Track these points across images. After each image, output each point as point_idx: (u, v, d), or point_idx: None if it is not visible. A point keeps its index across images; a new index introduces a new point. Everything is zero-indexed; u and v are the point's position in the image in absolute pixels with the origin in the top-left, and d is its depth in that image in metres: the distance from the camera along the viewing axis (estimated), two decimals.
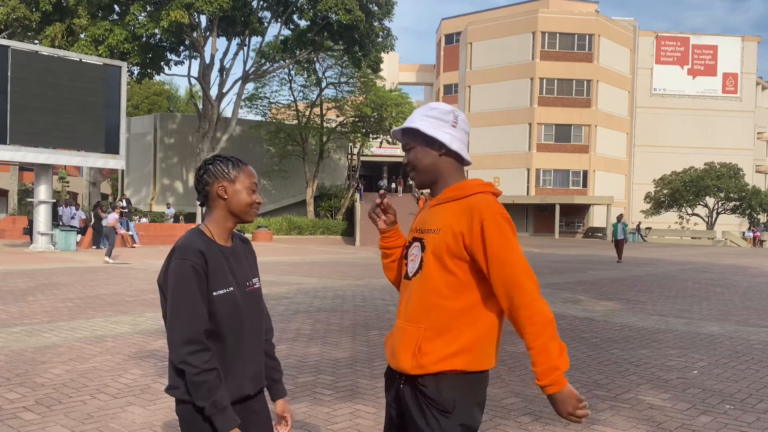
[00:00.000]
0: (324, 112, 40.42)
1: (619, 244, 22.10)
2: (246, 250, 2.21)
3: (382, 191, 2.17)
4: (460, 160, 2.08)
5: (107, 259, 17.20)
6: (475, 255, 1.94)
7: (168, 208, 33.69)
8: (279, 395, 2.29)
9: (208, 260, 1.99)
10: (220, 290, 2.00)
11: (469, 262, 1.97)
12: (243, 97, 36.59)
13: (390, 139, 40.84)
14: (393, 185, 49.77)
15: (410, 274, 2.07)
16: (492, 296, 1.97)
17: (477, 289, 1.97)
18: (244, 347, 2.06)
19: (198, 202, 2.19)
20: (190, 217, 34.65)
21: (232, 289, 2.03)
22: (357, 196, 39.46)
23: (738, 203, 50.50)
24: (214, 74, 32.92)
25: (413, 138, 2.08)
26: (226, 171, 2.08)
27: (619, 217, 22.72)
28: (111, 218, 18.58)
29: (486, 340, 2.00)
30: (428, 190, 2.16)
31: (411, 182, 48.85)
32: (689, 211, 51.17)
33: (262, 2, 32.68)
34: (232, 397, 2.02)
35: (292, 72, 38.97)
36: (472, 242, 1.93)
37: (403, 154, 2.17)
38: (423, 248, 2.04)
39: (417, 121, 2.07)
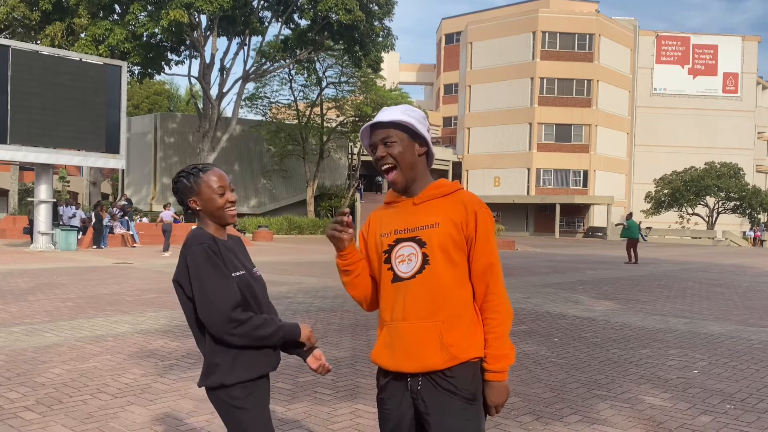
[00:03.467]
0: (324, 111, 40.43)
1: (635, 244, 21.44)
2: (241, 245, 2.37)
3: (346, 210, 2.16)
4: (430, 162, 2.17)
5: (165, 254, 19.73)
6: (468, 242, 2.05)
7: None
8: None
9: (219, 246, 2.16)
10: (235, 272, 2.15)
11: (466, 251, 2.06)
12: (243, 96, 36.60)
13: None
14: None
15: (405, 275, 2.04)
16: None
17: None
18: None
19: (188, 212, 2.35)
20: (191, 217, 34.63)
21: (244, 272, 2.19)
22: (357, 195, 39.45)
23: (738, 203, 50.48)
24: (215, 74, 32.96)
25: (397, 131, 2.07)
26: (190, 186, 2.22)
27: (630, 215, 22.71)
28: (166, 216, 21.17)
29: (480, 325, 2.09)
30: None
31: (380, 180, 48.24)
32: (689, 210, 51.15)
33: (262, 2, 32.69)
34: (262, 371, 2.18)
35: (293, 71, 38.99)
36: (469, 231, 2.04)
37: None
38: (422, 245, 2.03)
39: (403, 116, 2.06)
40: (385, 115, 2.08)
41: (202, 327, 2.15)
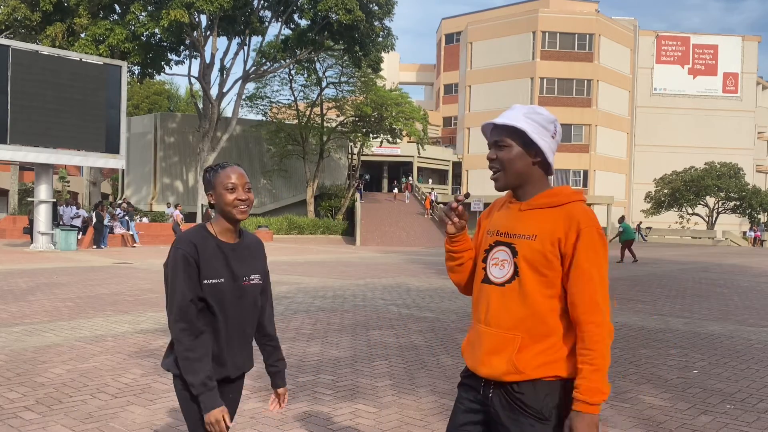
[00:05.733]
0: (324, 111, 40.41)
1: (631, 244, 22.01)
2: (254, 248, 2.39)
3: (460, 197, 2.13)
4: (547, 171, 2.05)
5: None
6: (564, 260, 1.93)
7: (168, 207, 33.67)
8: (280, 385, 2.49)
9: (200, 251, 2.20)
10: (210, 279, 2.20)
11: (562, 269, 1.94)
12: (243, 96, 36.59)
13: (390, 139, 40.83)
14: (395, 189, 49.31)
15: (497, 280, 2.01)
16: None
17: None
18: (229, 333, 2.26)
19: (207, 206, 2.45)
20: (191, 217, 34.63)
21: (222, 280, 2.23)
22: (357, 195, 39.46)
23: (738, 203, 50.47)
24: (215, 74, 32.96)
25: (511, 136, 1.99)
26: (208, 180, 2.30)
27: (622, 218, 22.94)
28: (176, 215, 22.54)
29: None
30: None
31: (405, 182, 48.38)
32: (689, 210, 51.13)
33: (262, 2, 32.68)
34: (216, 376, 2.24)
35: (293, 71, 38.98)
36: (567, 248, 1.92)
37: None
38: (514, 254, 1.98)
39: (520, 121, 1.98)
40: (506, 116, 2.01)
41: None
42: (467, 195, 2.21)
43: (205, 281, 2.19)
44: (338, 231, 36.18)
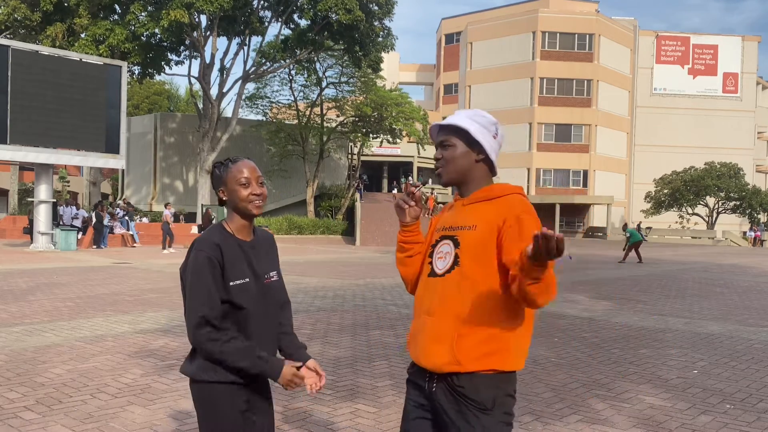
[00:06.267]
0: (324, 111, 40.40)
1: (638, 246, 22.17)
2: (268, 245, 2.36)
3: (419, 183, 2.18)
4: (491, 170, 2.14)
5: (164, 251, 21.43)
6: (506, 242, 1.95)
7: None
8: (306, 358, 2.35)
9: (224, 253, 2.15)
10: (236, 281, 2.15)
11: (500, 260, 1.99)
12: (243, 96, 36.57)
13: (390, 139, 40.82)
14: (395, 189, 49.25)
15: (440, 272, 2.07)
16: None
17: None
18: (257, 332, 2.21)
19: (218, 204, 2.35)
20: (191, 217, 34.63)
21: (248, 280, 2.18)
22: (357, 195, 39.45)
23: (738, 203, 50.47)
24: (215, 74, 32.94)
25: (455, 135, 2.10)
26: (220, 176, 2.24)
27: (626, 225, 23.47)
28: (167, 215, 23.08)
29: (522, 338, 2.04)
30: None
31: (405, 182, 48.50)
32: (689, 210, 51.13)
33: (262, 2, 32.68)
34: (245, 378, 2.18)
35: (293, 72, 38.96)
36: (505, 232, 1.97)
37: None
38: (456, 245, 2.05)
39: (464, 121, 2.09)
40: (451, 118, 2.12)
41: None
42: (424, 183, 2.27)
43: (231, 283, 2.13)
44: (338, 231, 36.17)
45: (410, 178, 49.61)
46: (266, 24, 33.36)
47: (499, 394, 1.99)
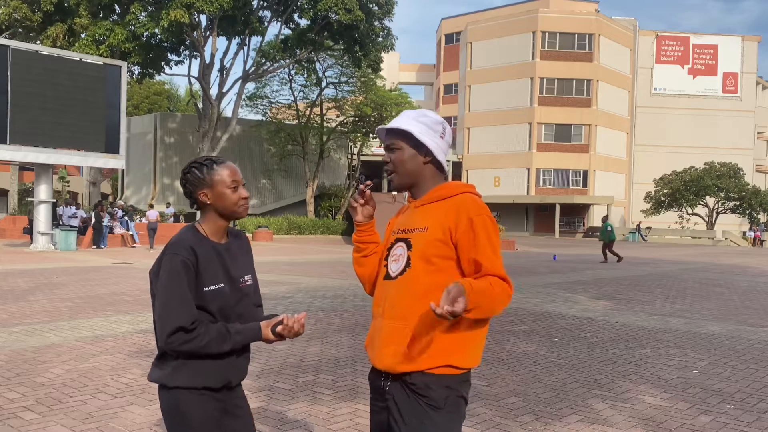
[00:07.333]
0: (324, 111, 40.41)
1: (609, 246, 21.71)
2: (240, 246, 2.27)
3: (368, 182, 2.18)
4: (440, 170, 2.13)
5: (151, 250, 22.02)
6: (461, 248, 1.98)
7: (168, 207, 33.66)
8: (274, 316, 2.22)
9: (199, 257, 2.06)
10: (211, 286, 2.07)
11: (456, 259, 2.01)
12: (243, 96, 36.58)
13: None
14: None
15: (394, 274, 2.07)
16: None
17: None
18: None
19: (193, 206, 2.24)
20: (190, 217, 34.64)
21: (222, 285, 2.10)
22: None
23: (738, 203, 50.50)
24: (215, 74, 32.95)
25: (401, 138, 2.10)
26: (202, 178, 2.13)
27: (606, 218, 23.11)
28: (152, 215, 23.35)
29: (473, 339, 2.03)
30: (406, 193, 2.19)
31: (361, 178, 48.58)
32: (689, 210, 51.16)
33: (262, 2, 32.68)
34: (218, 383, 2.10)
35: (293, 71, 38.97)
36: (459, 236, 1.98)
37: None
38: (409, 247, 2.05)
39: (408, 123, 2.08)
40: (395, 121, 2.11)
41: None
42: (370, 180, 2.28)
43: (206, 288, 2.05)
44: (338, 231, 36.17)
45: (362, 176, 49.69)
46: (266, 24, 33.37)
47: (451, 395, 2.00)
